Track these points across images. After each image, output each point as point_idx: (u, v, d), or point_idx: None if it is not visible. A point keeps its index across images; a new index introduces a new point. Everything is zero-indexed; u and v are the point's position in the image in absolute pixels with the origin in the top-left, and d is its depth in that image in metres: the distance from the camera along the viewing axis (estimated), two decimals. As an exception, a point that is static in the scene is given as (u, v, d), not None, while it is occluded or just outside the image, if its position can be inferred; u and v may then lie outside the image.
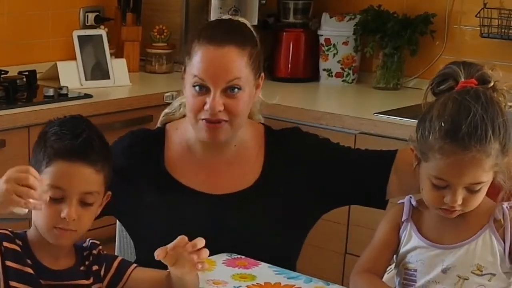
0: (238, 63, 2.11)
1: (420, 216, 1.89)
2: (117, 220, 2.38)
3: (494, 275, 1.81)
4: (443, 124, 1.74)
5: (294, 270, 2.18)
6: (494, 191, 1.84)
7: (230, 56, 2.11)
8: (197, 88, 2.12)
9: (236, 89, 2.11)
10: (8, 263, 1.70)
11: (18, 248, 1.72)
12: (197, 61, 2.12)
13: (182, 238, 1.71)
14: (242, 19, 2.25)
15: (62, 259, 1.76)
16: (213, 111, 2.09)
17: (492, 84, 1.80)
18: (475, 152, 1.72)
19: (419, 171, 1.83)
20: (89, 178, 1.74)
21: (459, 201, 1.76)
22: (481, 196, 1.80)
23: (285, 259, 2.17)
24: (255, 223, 2.18)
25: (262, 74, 2.23)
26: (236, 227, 2.17)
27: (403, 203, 1.93)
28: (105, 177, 1.78)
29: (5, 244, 1.71)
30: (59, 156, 1.72)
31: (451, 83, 1.82)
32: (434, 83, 1.85)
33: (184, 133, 2.25)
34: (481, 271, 1.81)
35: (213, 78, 2.10)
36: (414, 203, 1.90)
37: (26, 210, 1.64)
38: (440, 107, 1.77)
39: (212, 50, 2.11)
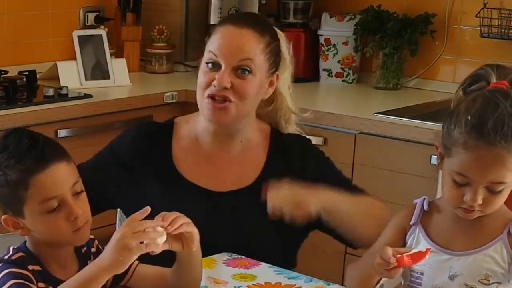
0: (254, 46, 2.15)
1: (430, 220, 1.87)
2: (117, 220, 2.39)
3: (500, 283, 1.80)
4: (469, 118, 1.72)
5: (293, 267, 2.19)
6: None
7: (247, 36, 2.16)
8: (209, 65, 2.16)
9: (246, 71, 2.14)
10: (40, 284, 1.69)
11: (39, 268, 1.71)
12: (214, 38, 2.17)
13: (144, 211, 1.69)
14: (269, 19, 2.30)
15: (68, 266, 1.74)
16: (219, 86, 2.12)
17: None
18: (499, 148, 1.69)
19: (442, 169, 1.82)
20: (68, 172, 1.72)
21: (479, 201, 1.73)
22: (502, 199, 1.77)
23: (283, 260, 2.18)
24: (250, 222, 2.19)
25: (278, 73, 2.24)
26: (233, 224, 2.18)
27: (415, 204, 1.91)
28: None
29: (30, 267, 1.69)
30: (33, 173, 1.67)
31: (483, 84, 1.80)
32: (466, 83, 1.83)
33: (194, 125, 2.26)
34: (488, 280, 1.78)
35: (225, 55, 2.14)
36: (426, 206, 1.88)
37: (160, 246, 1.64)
38: (468, 102, 1.75)
39: (231, 28, 2.17)
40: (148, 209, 1.68)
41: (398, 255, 1.71)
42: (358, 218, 2.15)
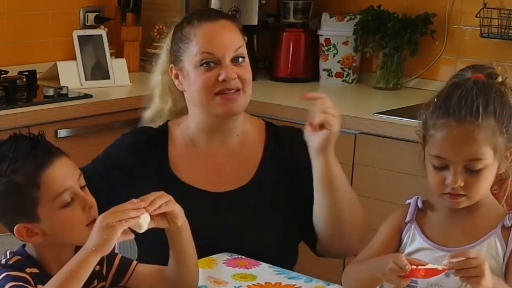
0: (237, 33, 2.21)
1: (425, 218, 1.88)
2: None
3: None
4: (436, 100, 1.78)
5: (292, 267, 2.19)
6: (500, 190, 1.83)
7: (228, 27, 2.20)
8: (205, 65, 2.16)
9: (241, 59, 2.18)
10: (39, 287, 1.69)
11: (37, 270, 1.72)
12: (199, 40, 2.17)
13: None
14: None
15: None
16: (230, 78, 2.14)
17: (501, 79, 1.81)
18: (467, 123, 1.73)
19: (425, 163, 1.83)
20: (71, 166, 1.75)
21: (460, 182, 1.75)
22: (484, 182, 1.78)
23: (284, 256, 2.18)
24: (250, 220, 2.19)
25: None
26: (235, 224, 2.18)
27: (409, 203, 1.92)
28: None
29: (28, 270, 1.70)
30: (42, 170, 1.70)
31: None
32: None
33: (185, 129, 2.27)
34: None
35: (221, 49, 2.16)
36: (420, 204, 1.89)
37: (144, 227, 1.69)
38: (438, 91, 1.82)
39: (210, 24, 2.19)
40: (133, 201, 1.70)
41: (413, 266, 1.70)
42: (348, 198, 2.17)
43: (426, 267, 1.71)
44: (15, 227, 1.71)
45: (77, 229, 1.72)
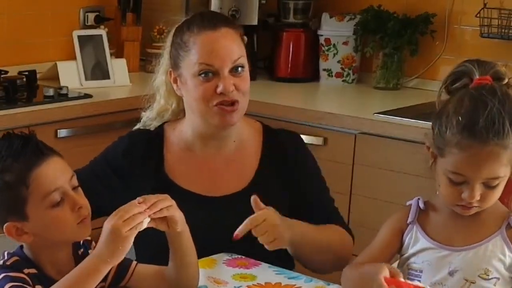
0: (237, 42, 2.18)
1: (427, 218, 1.88)
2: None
3: (499, 279, 1.80)
4: (460, 119, 1.74)
5: (292, 268, 2.19)
6: (508, 189, 1.84)
7: (229, 36, 2.17)
8: (203, 75, 2.14)
9: (240, 68, 2.16)
10: (37, 287, 1.70)
11: (35, 271, 1.72)
12: (198, 49, 2.15)
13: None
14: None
15: (66, 269, 1.72)
16: (228, 91, 2.12)
17: (506, 80, 1.80)
18: (492, 145, 1.71)
19: (435, 168, 1.82)
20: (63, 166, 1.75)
21: (477, 197, 1.75)
22: (498, 193, 1.78)
23: (281, 262, 2.17)
24: None
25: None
26: (231, 229, 2.17)
27: (411, 204, 1.91)
28: None
29: (26, 271, 1.70)
30: (31, 169, 1.69)
31: (466, 81, 1.81)
32: (449, 81, 1.84)
33: (180, 134, 2.26)
34: (488, 275, 1.79)
35: (220, 60, 2.13)
36: (422, 205, 1.89)
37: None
38: (456, 103, 1.77)
39: (210, 34, 2.15)
40: (136, 203, 1.71)
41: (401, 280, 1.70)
42: (317, 252, 2.18)
43: (410, 282, 1.71)
44: (5, 225, 1.71)
45: (67, 228, 1.71)
